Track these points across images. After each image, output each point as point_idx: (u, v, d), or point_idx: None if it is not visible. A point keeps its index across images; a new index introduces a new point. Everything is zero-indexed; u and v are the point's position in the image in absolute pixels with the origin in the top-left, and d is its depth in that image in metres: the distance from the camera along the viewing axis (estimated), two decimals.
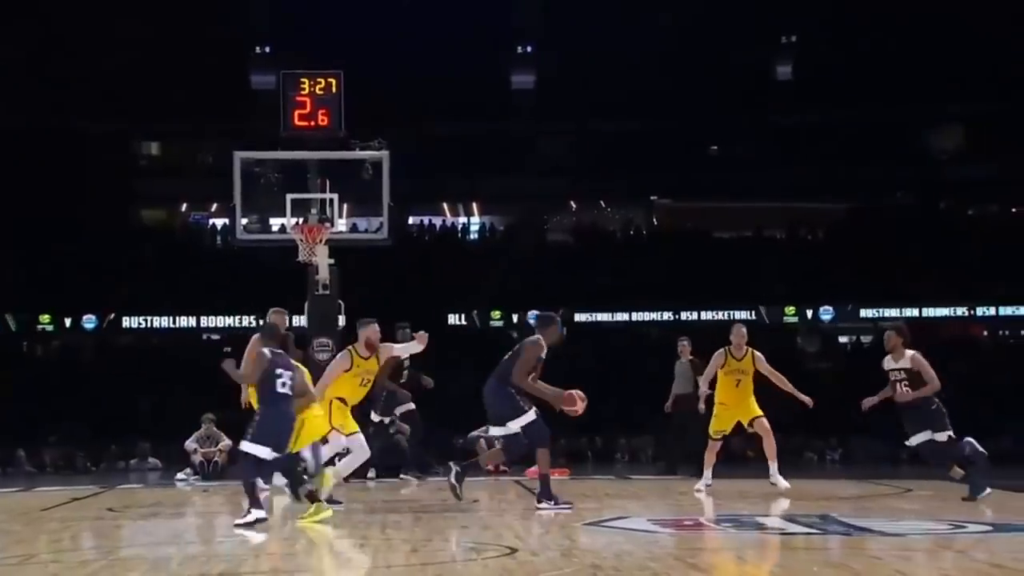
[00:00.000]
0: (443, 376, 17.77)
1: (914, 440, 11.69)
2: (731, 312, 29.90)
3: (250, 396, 12.50)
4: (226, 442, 18.40)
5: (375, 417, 15.28)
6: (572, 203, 41.15)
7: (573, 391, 11.03)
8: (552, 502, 10.76)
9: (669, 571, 7.02)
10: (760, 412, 12.92)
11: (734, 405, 13.00)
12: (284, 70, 18.73)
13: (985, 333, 33.90)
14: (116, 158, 37.32)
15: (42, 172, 33.65)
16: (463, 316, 30.55)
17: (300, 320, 17.39)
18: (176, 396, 25.98)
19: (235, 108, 34.63)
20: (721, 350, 13.11)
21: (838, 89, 35.98)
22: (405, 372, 15.51)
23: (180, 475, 18.05)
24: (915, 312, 31.75)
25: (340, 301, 17.19)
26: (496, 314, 30.28)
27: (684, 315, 30.63)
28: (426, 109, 35.37)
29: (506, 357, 11.14)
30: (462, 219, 40.54)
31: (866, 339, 31.36)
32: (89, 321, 29.95)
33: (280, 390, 10.00)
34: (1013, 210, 38.33)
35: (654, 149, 36.90)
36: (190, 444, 18.33)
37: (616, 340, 30.72)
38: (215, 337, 33.18)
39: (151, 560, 8.08)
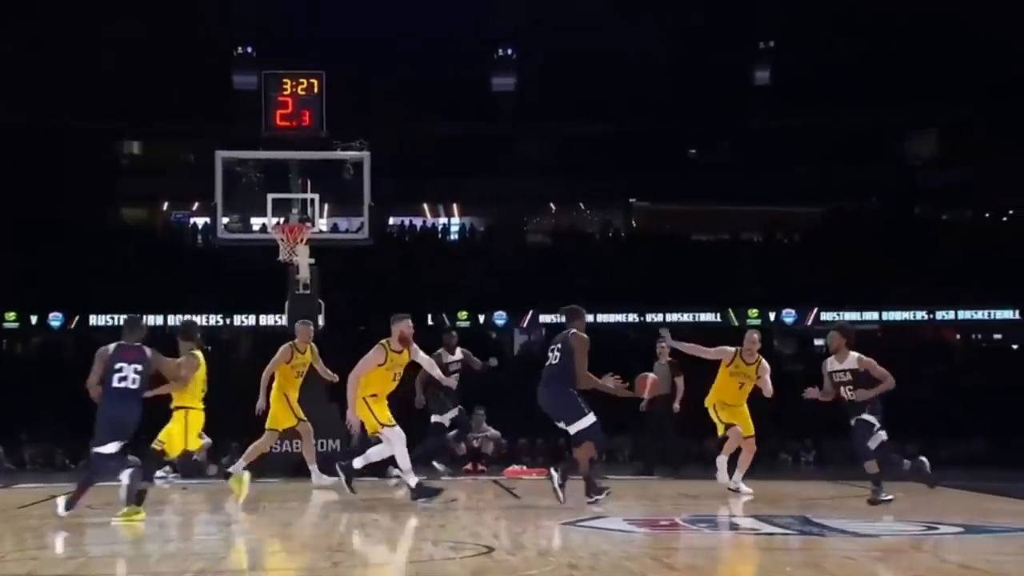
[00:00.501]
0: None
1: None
2: (703, 314, 30.12)
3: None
4: (206, 440, 18.29)
5: (435, 418, 15.19)
6: (551, 205, 41.19)
7: (644, 375, 11.50)
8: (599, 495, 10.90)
9: (645, 571, 7.02)
10: (752, 431, 13.01)
11: (736, 405, 13.07)
12: (266, 70, 18.70)
13: (958, 337, 34.10)
14: (98, 157, 37.14)
15: (23, 170, 33.46)
16: (443, 316, 30.53)
17: (282, 319, 17.36)
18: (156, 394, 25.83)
19: (217, 108, 34.51)
20: (734, 348, 13.15)
21: (815, 94, 36.12)
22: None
23: (159, 473, 17.92)
24: (889, 315, 31.98)
25: (320, 301, 17.15)
26: (463, 314, 30.28)
27: (662, 316, 30.71)
28: (407, 110, 35.35)
29: (555, 360, 11.18)
30: (442, 220, 40.53)
31: None
32: (55, 319, 29.82)
33: (116, 384, 10.08)
34: (986, 215, 38.57)
35: (633, 152, 36.97)
36: None
37: (594, 341, 30.67)
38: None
39: (130, 557, 8.04)
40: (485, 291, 30.83)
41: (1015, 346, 33.00)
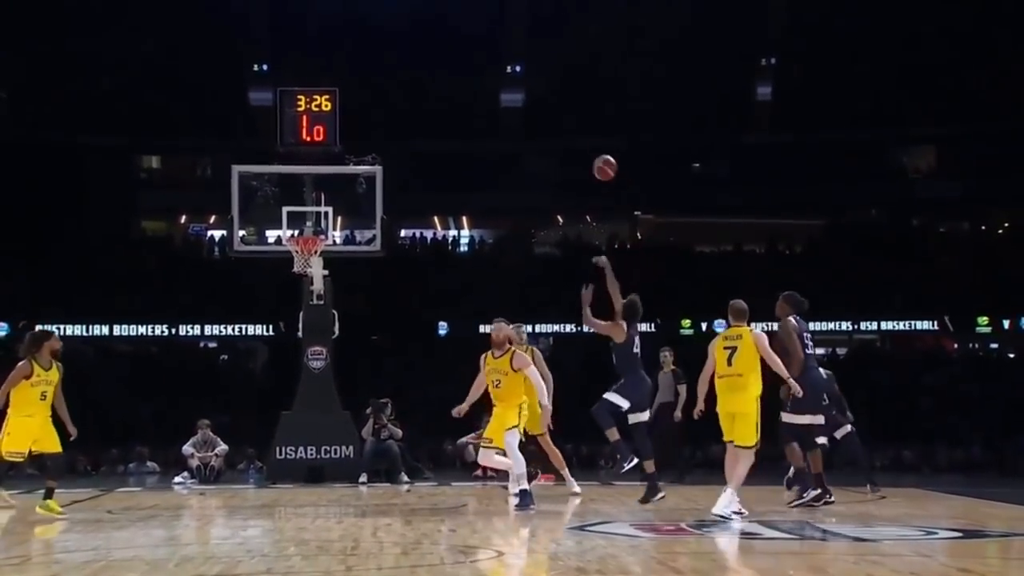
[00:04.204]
0: (431, 383, 17.81)
1: None
2: (707, 325, 30.07)
3: None
4: (222, 447, 18.37)
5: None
6: (558, 217, 41.19)
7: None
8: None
9: (651, 574, 7.01)
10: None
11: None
12: (281, 87, 18.76)
13: (956, 346, 34.00)
14: (118, 171, 37.26)
15: (46, 185, 33.58)
16: (453, 325, 30.54)
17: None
18: (174, 402, 25.90)
19: (234, 123, 34.66)
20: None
21: (815, 109, 36.11)
22: None
23: (177, 479, 17.99)
24: (889, 325, 31.91)
25: (334, 311, 17.18)
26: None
27: (667, 327, 30.68)
28: (419, 126, 35.42)
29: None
30: (453, 232, 40.55)
31: (841, 351, 31.43)
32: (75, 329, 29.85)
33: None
34: (982, 227, 38.52)
35: (638, 166, 36.84)
36: (187, 449, 18.28)
37: (600, 350, 30.65)
38: (212, 345, 33.13)
39: (149, 561, 8.05)
40: (494, 301, 30.84)
41: (1011, 355, 32.89)
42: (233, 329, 31.21)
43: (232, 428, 21.56)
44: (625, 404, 11.46)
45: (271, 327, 30.62)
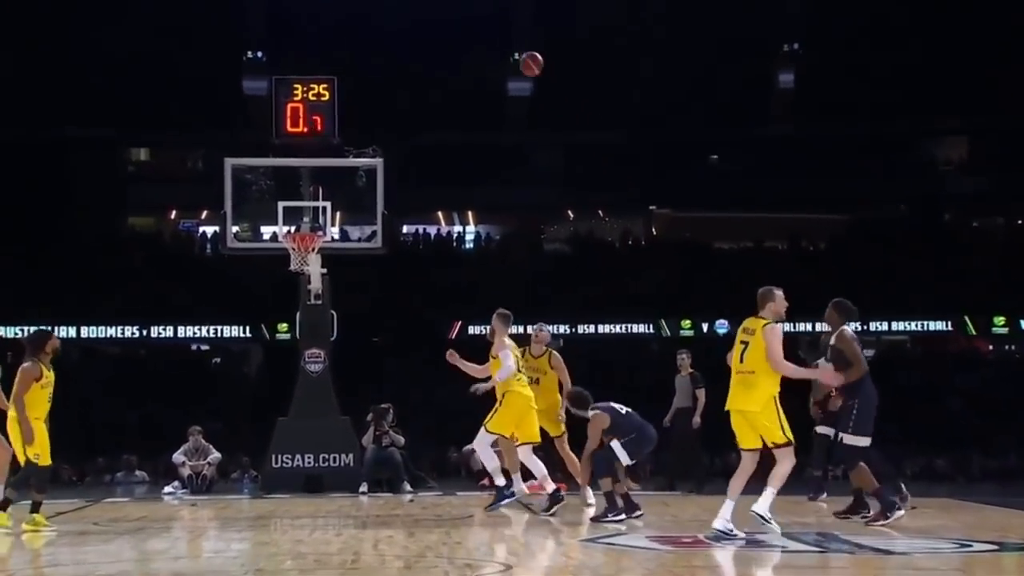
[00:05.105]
0: (437, 388, 17.80)
1: None
2: (725, 325, 29.98)
3: None
4: (215, 455, 18.38)
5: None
6: (569, 212, 41.17)
7: None
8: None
9: None
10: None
11: None
12: (277, 76, 18.75)
13: (990, 348, 33.90)
14: (105, 164, 37.30)
15: (30, 179, 33.62)
16: (458, 327, 30.52)
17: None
18: (164, 408, 25.93)
19: (227, 114, 34.66)
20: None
21: (840, 98, 36.02)
22: None
23: (168, 489, 17.99)
24: (918, 326, 31.81)
25: (333, 312, 17.16)
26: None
27: (684, 328, 30.66)
28: (421, 116, 35.41)
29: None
30: (457, 228, 40.55)
31: (868, 353, 31.32)
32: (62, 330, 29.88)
33: None
34: (1019, 222, 38.38)
35: (653, 158, 36.94)
36: (178, 457, 18.28)
37: (614, 353, 30.72)
38: (204, 347, 33.16)
39: None
40: (501, 301, 30.81)
41: None
42: (226, 331, 31.21)
43: (225, 435, 21.57)
44: (626, 460, 11.47)
45: (266, 328, 30.63)
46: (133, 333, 30.76)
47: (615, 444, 11.38)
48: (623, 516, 11.16)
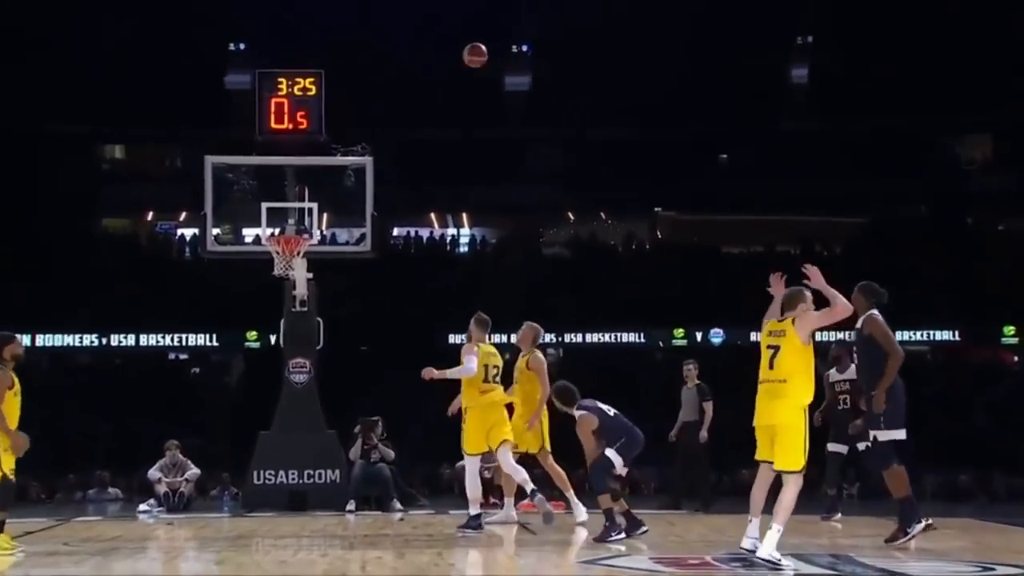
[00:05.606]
0: (428, 400, 17.72)
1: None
2: (735, 333, 30.00)
3: None
4: (193, 471, 18.37)
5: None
6: (570, 215, 41.20)
7: None
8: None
9: None
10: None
11: None
12: (260, 69, 18.78)
13: (1016, 359, 33.90)
14: (78, 162, 37.29)
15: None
16: (452, 335, 30.52)
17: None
18: (140, 421, 25.90)
19: (208, 109, 34.67)
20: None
21: (857, 94, 36.07)
22: None
23: (143, 507, 17.98)
24: (940, 335, 31.81)
25: (319, 319, 17.17)
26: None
27: (692, 336, 30.70)
28: (413, 112, 35.44)
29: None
30: (451, 230, 40.58)
31: None
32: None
33: None
34: None
35: (658, 157, 36.95)
36: (154, 473, 18.27)
37: (617, 362, 30.74)
38: (183, 357, 33.15)
39: None
40: (497, 308, 30.81)
41: None
42: (206, 339, 31.21)
43: (204, 450, 21.55)
44: (620, 467, 11.43)
45: (248, 337, 30.62)
46: (106, 341, 30.75)
47: (610, 452, 11.30)
48: (624, 535, 11.14)
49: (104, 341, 30.80)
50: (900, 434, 10.76)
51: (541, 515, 12.06)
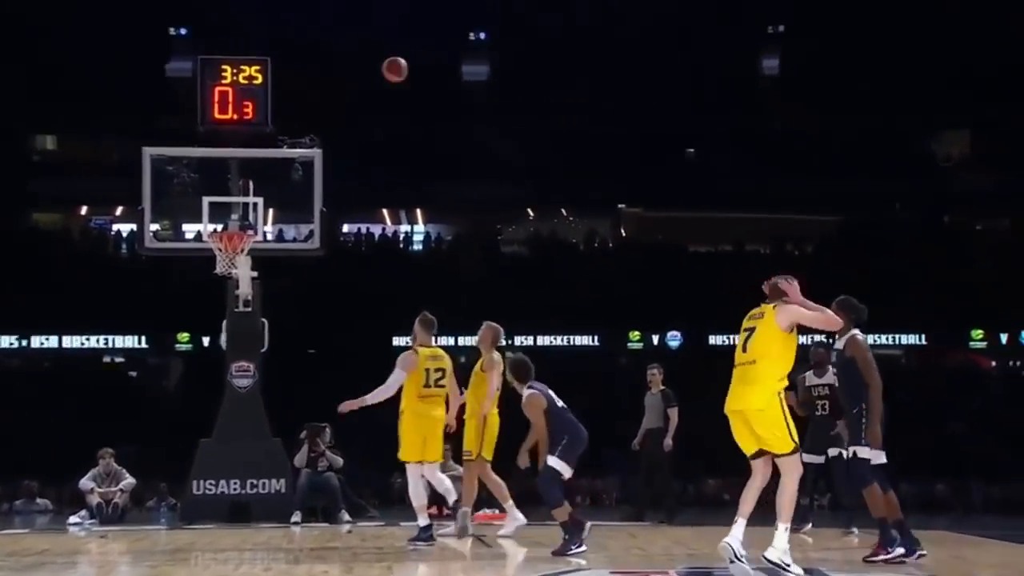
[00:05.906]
0: (380, 405, 17.73)
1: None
2: (701, 336, 30.14)
3: None
4: (128, 480, 18.27)
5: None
6: (529, 211, 41.27)
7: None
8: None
9: None
10: None
11: None
12: (203, 55, 18.70)
13: (994, 364, 34.27)
14: (6, 153, 37.02)
15: None
16: (397, 338, 30.52)
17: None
18: (71, 427, 25.75)
19: (146, 97, 34.49)
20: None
21: (831, 87, 36.31)
22: None
23: (74, 518, 17.87)
24: (914, 339, 32.11)
25: (263, 320, 17.12)
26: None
27: (656, 338, 30.82)
28: (364, 103, 35.36)
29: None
30: (404, 228, 40.57)
31: None
32: None
33: None
34: None
35: (623, 151, 37.07)
36: (86, 483, 18.16)
37: (578, 366, 30.80)
38: (118, 359, 32.98)
39: None
40: (453, 309, 30.81)
41: None
42: (142, 341, 31.06)
43: (140, 458, 21.45)
44: (568, 473, 11.44)
45: (188, 339, 30.48)
46: (36, 344, 30.54)
47: (553, 461, 11.32)
48: (584, 547, 11.19)
49: (34, 344, 30.61)
50: (881, 457, 10.80)
51: (456, 530, 12.26)
